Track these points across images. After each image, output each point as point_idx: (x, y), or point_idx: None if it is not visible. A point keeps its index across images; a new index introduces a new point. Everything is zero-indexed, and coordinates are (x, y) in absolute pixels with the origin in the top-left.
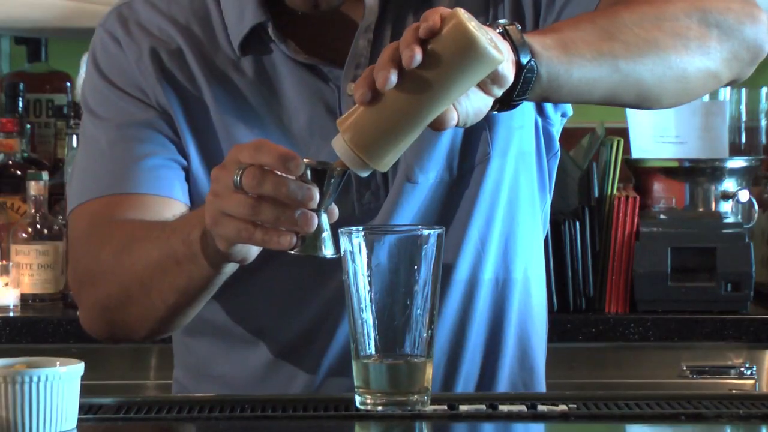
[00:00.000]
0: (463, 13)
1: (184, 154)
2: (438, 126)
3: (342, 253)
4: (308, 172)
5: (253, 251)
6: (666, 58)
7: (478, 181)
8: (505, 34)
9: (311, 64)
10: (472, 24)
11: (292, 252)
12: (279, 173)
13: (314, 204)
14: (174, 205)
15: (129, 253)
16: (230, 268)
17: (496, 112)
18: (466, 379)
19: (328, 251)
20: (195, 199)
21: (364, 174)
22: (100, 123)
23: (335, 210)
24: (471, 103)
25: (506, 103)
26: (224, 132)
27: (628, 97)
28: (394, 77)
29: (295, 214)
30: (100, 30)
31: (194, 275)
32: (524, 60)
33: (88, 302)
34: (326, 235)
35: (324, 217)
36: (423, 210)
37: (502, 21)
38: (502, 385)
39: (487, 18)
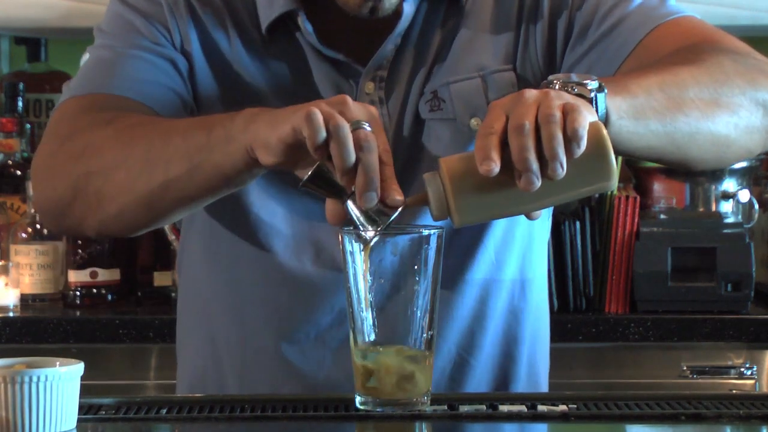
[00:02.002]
0: (606, 136)
1: (192, 96)
2: (530, 218)
3: (342, 253)
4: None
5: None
6: (716, 135)
7: None
8: (593, 101)
9: (334, 58)
10: (612, 152)
11: (303, 179)
12: (376, 162)
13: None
14: None
15: (152, 124)
16: (241, 181)
17: None
18: (476, 389)
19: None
20: None
21: (436, 219)
22: (114, 40)
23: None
24: None
25: None
26: (244, 94)
27: (669, 161)
28: (538, 184)
29: (346, 166)
30: None
31: (214, 158)
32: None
33: (59, 177)
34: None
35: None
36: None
37: (590, 83)
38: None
39: (518, 37)
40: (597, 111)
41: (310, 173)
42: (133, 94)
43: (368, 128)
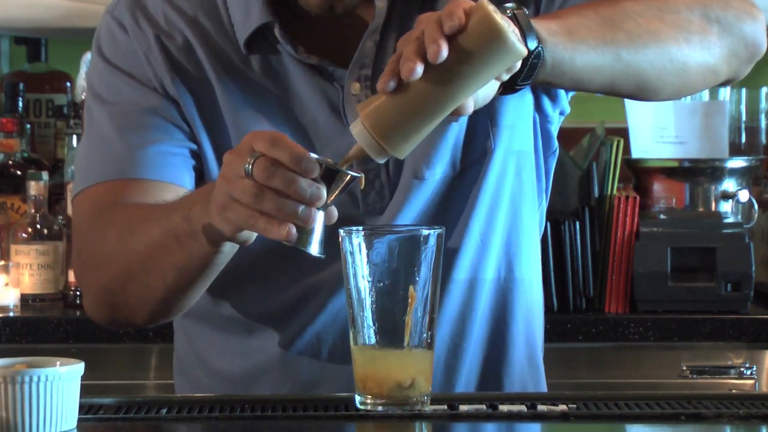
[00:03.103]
0: (488, 5)
1: (194, 140)
2: (457, 113)
3: (342, 253)
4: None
5: (255, 234)
6: (667, 50)
7: (481, 176)
8: (514, 19)
9: (316, 64)
10: (499, 16)
11: (285, 243)
12: (288, 180)
13: (321, 203)
14: (180, 191)
15: (131, 233)
16: (229, 248)
17: (499, 96)
18: (468, 379)
19: (314, 248)
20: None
21: (381, 160)
22: (105, 108)
23: (334, 213)
24: (481, 89)
25: (510, 87)
26: (233, 122)
27: (627, 87)
28: (419, 69)
29: (298, 207)
30: (107, 16)
31: (194, 252)
32: (531, 46)
33: (91, 286)
34: (319, 232)
35: (321, 214)
36: (427, 206)
37: (509, 5)
38: (511, 384)
39: None
40: (524, 33)
41: (299, 247)
42: (138, 173)
43: (261, 154)
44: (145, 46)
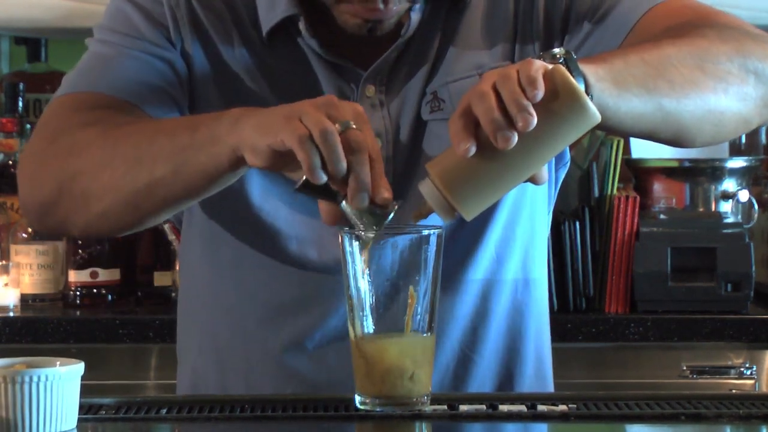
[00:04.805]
0: (565, 71)
1: (187, 99)
2: (535, 182)
3: (342, 253)
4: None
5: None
6: (706, 100)
7: None
8: (564, 64)
9: (335, 62)
10: (575, 81)
11: (296, 185)
12: (367, 163)
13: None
14: None
15: (139, 124)
16: (228, 173)
17: None
18: (481, 385)
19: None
20: None
21: (449, 221)
22: (113, 36)
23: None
24: None
25: None
26: (250, 98)
27: (666, 134)
28: (515, 139)
29: (322, 173)
30: None
31: (201, 158)
32: None
33: (51, 174)
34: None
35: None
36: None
37: (558, 50)
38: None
39: (515, 32)
40: (572, 73)
41: (301, 181)
42: (127, 95)
43: (355, 128)
44: (175, 1)
